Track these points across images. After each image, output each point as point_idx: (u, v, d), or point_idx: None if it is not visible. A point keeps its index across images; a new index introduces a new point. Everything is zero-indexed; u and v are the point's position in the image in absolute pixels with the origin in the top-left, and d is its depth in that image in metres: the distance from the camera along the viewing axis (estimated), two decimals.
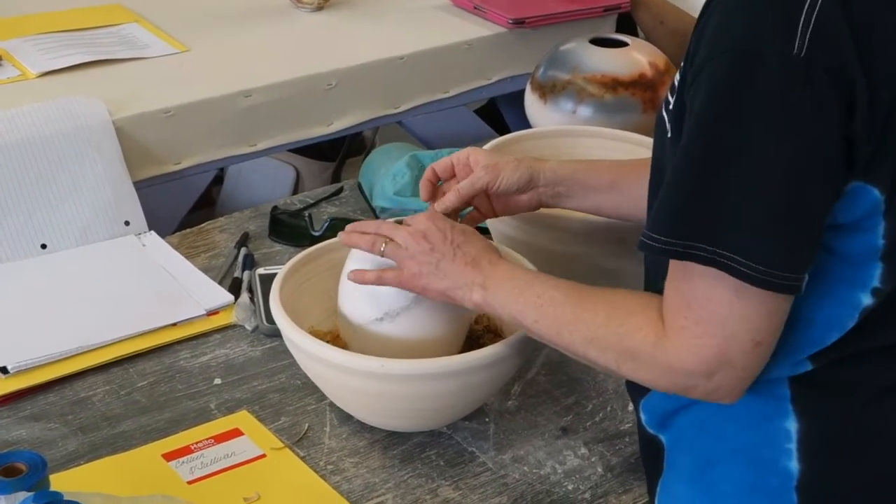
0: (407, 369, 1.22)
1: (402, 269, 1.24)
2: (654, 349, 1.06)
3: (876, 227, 1.04)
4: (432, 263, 1.22)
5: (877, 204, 1.03)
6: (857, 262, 1.05)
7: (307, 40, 2.02)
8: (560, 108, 1.80)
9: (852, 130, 0.98)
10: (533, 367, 1.45)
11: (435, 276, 1.22)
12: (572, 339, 1.13)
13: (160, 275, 1.59)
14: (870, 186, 1.02)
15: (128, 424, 1.34)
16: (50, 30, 1.98)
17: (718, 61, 1.00)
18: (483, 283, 1.20)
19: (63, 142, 1.65)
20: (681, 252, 1.02)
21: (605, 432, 1.36)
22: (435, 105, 2.04)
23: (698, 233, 1.01)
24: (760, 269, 0.99)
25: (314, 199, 1.83)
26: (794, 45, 0.97)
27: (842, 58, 0.97)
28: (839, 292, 1.06)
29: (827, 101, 0.97)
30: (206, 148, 1.82)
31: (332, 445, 1.32)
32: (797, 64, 0.96)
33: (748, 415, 1.11)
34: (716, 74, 1.00)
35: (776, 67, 0.97)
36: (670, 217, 1.03)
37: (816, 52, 0.96)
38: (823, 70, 0.97)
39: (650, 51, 1.85)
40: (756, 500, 1.11)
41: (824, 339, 1.07)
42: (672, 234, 1.02)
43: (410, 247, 1.23)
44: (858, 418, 1.09)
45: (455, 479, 1.28)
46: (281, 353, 1.45)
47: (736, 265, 0.99)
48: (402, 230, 1.25)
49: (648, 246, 1.04)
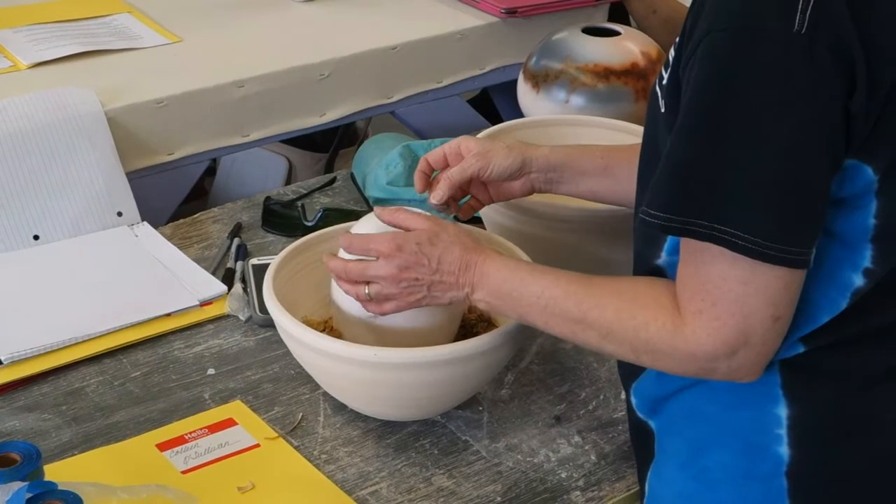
0: (401, 358, 1.22)
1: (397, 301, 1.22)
2: (673, 338, 1.06)
3: (868, 205, 1.04)
4: (423, 292, 1.21)
5: (870, 183, 1.03)
6: (847, 241, 1.05)
7: (300, 30, 2.02)
8: (553, 98, 1.80)
9: (851, 108, 0.99)
10: (526, 356, 1.45)
11: (432, 297, 1.21)
12: (587, 336, 1.13)
13: (153, 265, 1.59)
14: (864, 165, 1.02)
15: (122, 415, 1.34)
16: (42, 20, 1.97)
17: (717, 36, 0.99)
18: (483, 299, 1.19)
19: (55, 133, 1.65)
20: (679, 228, 1.02)
21: (599, 420, 1.36)
22: (428, 95, 2.04)
23: (696, 208, 1.01)
24: (760, 243, 0.99)
25: (307, 190, 1.83)
26: (795, 22, 0.97)
27: (843, 36, 0.97)
28: (830, 271, 1.06)
29: (828, 77, 0.97)
30: (198, 138, 1.81)
31: (325, 435, 1.32)
32: (798, 40, 0.97)
33: (739, 400, 1.11)
34: (715, 50, 1.00)
35: (777, 43, 0.97)
36: (668, 192, 1.03)
37: (818, 29, 0.97)
38: (825, 47, 0.97)
39: (642, 40, 1.85)
40: (746, 485, 1.12)
41: (815, 320, 1.07)
42: (670, 209, 1.02)
43: (393, 287, 1.21)
44: (849, 404, 1.10)
45: (449, 467, 1.28)
46: (274, 342, 1.45)
47: (736, 240, 0.99)
48: (376, 272, 1.21)
49: (646, 222, 1.04)
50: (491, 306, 1.20)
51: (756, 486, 1.11)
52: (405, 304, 1.22)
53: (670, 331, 1.06)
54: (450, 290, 1.20)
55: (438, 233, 1.22)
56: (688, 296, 1.05)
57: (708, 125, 1.01)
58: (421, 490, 1.25)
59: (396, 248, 1.20)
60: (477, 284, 1.19)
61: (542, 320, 1.15)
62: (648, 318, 1.07)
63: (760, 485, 1.11)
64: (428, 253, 1.20)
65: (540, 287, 1.15)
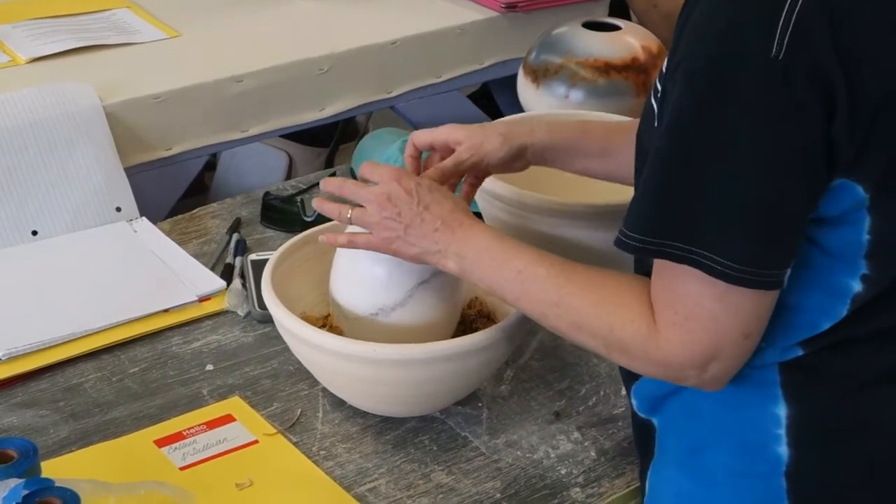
0: (400, 354, 1.21)
1: (372, 233, 1.21)
2: (646, 343, 1.06)
3: (860, 221, 1.03)
4: (400, 230, 1.18)
5: (861, 200, 1.02)
6: (841, 256, 1.05)
7: (299, 25, 2.01)
8: (553, 93, 1.79)
9: (833, 132, 0.98)
10: (526, 352, 1.45)
11: (404, 241, 1.19)
12: (558, 322, 1.12)
13: (152, 261, 1.59)
14: (854, 184, 1.02)
15: (119, 411, 1.33)
16: (40, 15, 1.96)
17: (696, 60, 0.99)
18: (458, 252, 1.17)
19: (53, 128, 1.64)
20: (654, 250, 1.02)
21: (599, 416, 1.36)
22: (428, 90, 2.03)
23: (671, 231, 1.01)
24: (735, 267, 0.99)
25: (306, 185, 1.83)
26: (773, 48, 0.96)
27: (821, 60, 0.96)
28: (827, 282, 1.06)
29: (805, 103, 0.97)
30: (197, 134, 1.81)
31: (324, 431, 1.31)
32: (775, 66, 0.96)
33: (738, 399, 1.11)
34: (693, 73, 0.99)
35: (753, 69, 0.96)
36: (644, 215, 1.03)
37: (794, 54, 0.96)
38: (802, 73, 0.96)
39: (643, 35, 1.85)
40: (745, 485, 1.11)
41: (815, 326, 1.07)
42: (646, 232, 1.02)
43: (375, 213, 1.19)
44: (849, 405, 1.09)
45: (448, 463, 1.28)
46: (273, 338, 1.44)
47: (710, 263, 1.00)
48: (367, 193, 1.21)
49: (624, 244, 1.04)
50: (462, 269, 1.17)
51: (755, 486, 1.11)
52: (377, 241, 1.20)
53: (645, 335, 1.06)
54: (423, 240, 1.18)
55: (440, 187, 1.22)
56: (661, 306, 1.05)
57: (684, 149, 1.00)
58: (420, 486, 1.25)
59: (396, 178, 1.20)
60: (454, 244, 1.17)
61: (515, 295, 1.14)
62: (625, 320, 1.07)
63: (759, 484, 1.10)
64: (421, 195, 1.19)
65: (523, 262, 1.14)
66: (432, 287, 1.27)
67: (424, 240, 1.18)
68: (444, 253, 1.18)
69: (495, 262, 1.15)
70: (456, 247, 1.17)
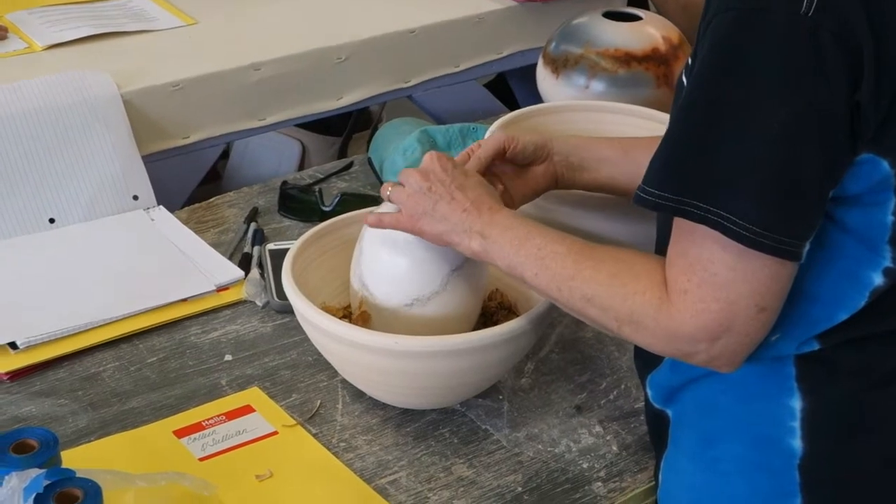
0: (422, 346, 1.20)
1: (402, 210, 1.22)
2: (657, 313, 1.05)
3: (886, 202, 1.02)
4: (429, 204, 1.19)
5: (887, 178, 1.01)
6: (865, 239, 1.04)
7: (317, 13, 2.00)
8: (572, 83, 1.78)
9: (859, 97, 0.97)
10: (546, 345, 1.44)
11: (432, 217, 1.19)
12: (571, 294, 1.11)
13: (169, 250, 1.58)
14: (880, 158, 1.00)
15: (138, 401, 1.33)
16: (57, 2, 1.96)
17: (725, 16, 0.98)
18: (482, 231, 1.17)
19: (70, 115, 1.64)
20: (672, 207, 1.01)
21: (620, 410, 1.35)
22: (445, 79, 2.03)
23: (691, 189, 1.00)
24: (750, 229, 0.97)
25: (324, 175, 1.82)
26: (802, 5, 0.95)
27: (850, 21, 0.95)
28: (847, 268, 1.05)
29: (831, 64, 0.95)
30: (214, 122, 1.80)
31: (344, 422, 1.30)
32: (803, 24, 0.95)
33: (752, 391, 1.10)
34: (721, 29, 0.99)
35: (781, 25, 0.96)
36: (664, 171, 1.02)
37: (824, 13, 0.95)
38: (829, 32, 0.95)
39: (663, 25, 1.83)
40: (758, 477, 1.10)
41: (832, 318, 1.06)
42: (665, 188, 1.01)
43: (410, 185, 1.21)
44: (864, 401, 1.08)
45: (469, 456, 1.27)
46: (292, 329, 1.44)
47: (729, 224, 0.98)
48: (409, 171, 1.23)
49: (642, 199, 1.03)
50: (484, 248, 1.17)
51: (768, 479, 1.10)
52: (404, 220, 1.21)
53: (656, 305, 1.05)
54: (451, 216, 1.18)
55: (476, 174, 1.24)
56: (675, 273, 1.04)
57: (706, 105, 1.00)
58: (441, 479, 1.24)
59: (437, 158, 1.23)
60: (479, 224, 1.17)
61: (533, 271, 1.14)
62: (638, 288, 1.06)
63: (772, 477, 1.10)
64: (455, 176, 1.21)
65: (544, 240, 1.14)
66: (465, 274, 1.26)
67: (452, 216, 1.19)
68: (468, 233, 1.18)
69: (517, 240, 1.15)
70: (480, 226, 1.18)
